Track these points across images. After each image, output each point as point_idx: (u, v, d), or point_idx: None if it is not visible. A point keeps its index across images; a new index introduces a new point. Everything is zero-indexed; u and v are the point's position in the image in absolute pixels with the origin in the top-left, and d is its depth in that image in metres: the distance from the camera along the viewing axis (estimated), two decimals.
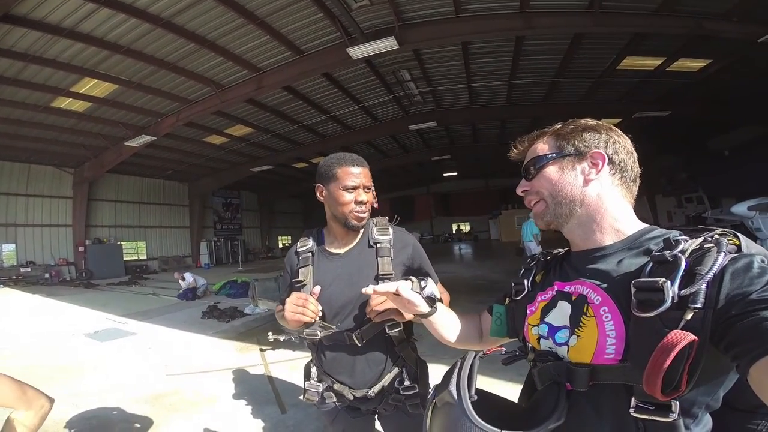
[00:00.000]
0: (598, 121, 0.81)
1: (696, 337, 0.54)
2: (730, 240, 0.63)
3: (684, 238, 0.65)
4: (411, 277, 1.18)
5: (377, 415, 1.45)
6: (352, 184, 1.29)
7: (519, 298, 0.90)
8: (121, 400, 3.55)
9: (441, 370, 0.81)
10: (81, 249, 16.41)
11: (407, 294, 0.99)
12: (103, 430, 3.05)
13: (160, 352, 5.18)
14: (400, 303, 1.03)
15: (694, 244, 0.63)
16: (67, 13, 7.18)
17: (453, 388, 0.70)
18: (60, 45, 8.08)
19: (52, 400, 1.28)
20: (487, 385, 1.05)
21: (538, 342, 0.80)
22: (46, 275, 15.08)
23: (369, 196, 1.34)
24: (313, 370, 1.41)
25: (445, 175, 27.30)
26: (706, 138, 15.16)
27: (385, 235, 1.37)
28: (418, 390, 1.31)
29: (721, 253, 0.59)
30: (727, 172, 13.77)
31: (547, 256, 0.93)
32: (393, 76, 11.34)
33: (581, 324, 0.70)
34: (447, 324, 1.05)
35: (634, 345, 0.62)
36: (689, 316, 0.57)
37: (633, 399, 0.61)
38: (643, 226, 0.76)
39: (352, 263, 1.35)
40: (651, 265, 0.64)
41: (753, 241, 0.65)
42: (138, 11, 7.32)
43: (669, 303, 0.58)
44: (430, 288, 1.10)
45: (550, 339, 0.76)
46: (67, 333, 6.28)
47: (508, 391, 0.86)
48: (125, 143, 12.90)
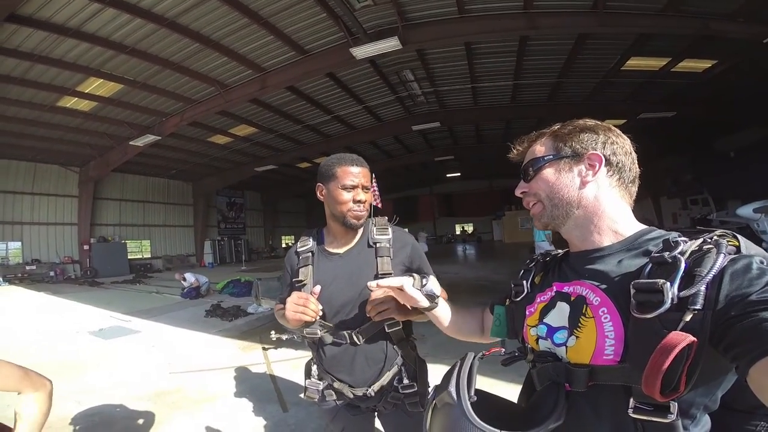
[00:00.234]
0: (598, 121, 0.81)
1: (695, 339, 0.54)
2: (729, 241, 0.63)
3: (683, 239, 0.65)
4: (414, 273, 1.22)
5: (377, 413, 1.46)
6: (351, 183, 1.30)
7: (518, 300, 0.90)
8: (125, 398, 3.57)
9: (442, 371, 0.81)
10: (86, 247, 16.52)
11: (410, 290, 1.06)
12: (106, 427, 3.07)
13: (163, 350, 5.21)
14: (403, 297, 1.09)
15: (693, 246, 0.63)
16: (72, 12, 7.24)
17: (452, 388, 0.71)
18: (66, 45, 8.14)
19: (51, 381, 1.25)
20: (488, 385, 1.05)
21: (537, 343, 0.80)
22: (51, 273, 15.19)
23: (368, 196, 1.35)
24: (314, 369, 1.42)
25: (448, 175, 27.23)
26: (712, 139, 15.04)
27: (385, 234, 1.39)
28: (417, 389, 1.32)
29: (721, 254, 0.59)
30: (733, 173, 13.66)
31: (546, 257, 0.93)
32: (396, 76, 11.32)
33: (580, 325, 0.70)
34: (448, 318, 1.12)
35: (633, 346, 0.62)
36: (688, 317, 0.56)
37: (632, 400, 0.61)
38: (641, 227, 0.75)
39: (352, 263, 1.36)
40: (650, 266, 0.64)
41: (758, 245, 0.65)
42: (142, 11, 7.38)
43: (668, 304, 0.58)
44: (431, 285, 1.13)
45: (548, 340, 0.76)
46: (72, 331, 6.33)
47: (508, 391, 0.86)
48: (130, 143, 12.99)
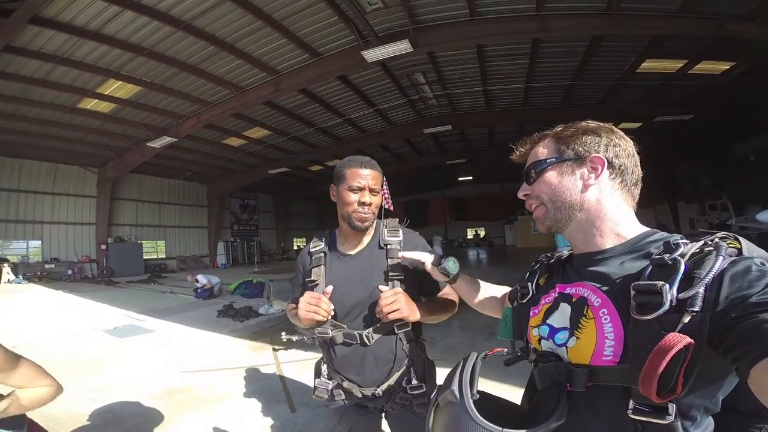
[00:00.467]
0: (600, 122, 0.81)
1: (692, 341, 0.54)
2: (730, 243, 0.63)
3: (684, 241, 0.65)
4: (435, 252, 1.28)
5: (384, 413, 1.46)
6: (358, 185, 1.32)
7: (524, 302, 0.91)
8: (137, 395, 3.63)
9: None
10: (103, 247, 16.89)
11: (429, 268, 1.21)
12: (118, 424, 3.12)
13: (175, 349, 5.29)
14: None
15: (693, 248, 0.63)
16: (93, 15, 7.46)
17: (455, 387, 0.72)
18: (86, 47, 8.39)
19: (59, 387, 1.18)
20: (493, 388, 1.05)
21: (540, 343, 0.80)
22: (69, 272, 15.58)
23: (376, 199, 1.36)
24: (324, 368, 1.43)
25: (460, 179, 26.96)
26: (730, 142, 14.68)
27: (396, 236, 1.40)
28: (425, 390, 1.32)
29: (720, 256, 0.59)
30: (754, 178, 13.26)
31: (550, 259, 0.94)
32: (407, 79, 11.34)
33: (580, 326, 0.70)
34: (469, 292, 1.23)
35: (632, 347, 0.62)
36: (687, 319, 0.57)
37: (631, 401, 0.61)
38: (644, 229, 0.75)
39: (363, 264, 1.38)
40: (651, 268, 0.64)
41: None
42: (160, 14, 7.56)
43: (667, 306, 0.58)
44: (448, 264, 1.18)
45: (550, 340, 0.77)
46: (88, 329, 6.47)
47: (514, 394, 0.86)
48: (147, 144, 13.27)
